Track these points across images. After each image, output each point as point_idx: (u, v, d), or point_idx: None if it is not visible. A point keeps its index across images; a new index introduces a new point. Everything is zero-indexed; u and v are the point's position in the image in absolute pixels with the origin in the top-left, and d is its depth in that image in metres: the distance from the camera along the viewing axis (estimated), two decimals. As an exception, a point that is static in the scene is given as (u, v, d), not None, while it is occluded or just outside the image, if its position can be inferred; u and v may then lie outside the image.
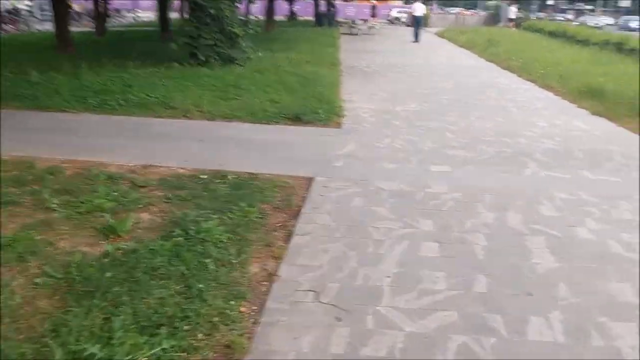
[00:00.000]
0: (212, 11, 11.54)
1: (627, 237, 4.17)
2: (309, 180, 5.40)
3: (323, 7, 35.54)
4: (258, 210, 4.52)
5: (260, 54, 13.51)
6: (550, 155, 6.40)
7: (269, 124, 7.76)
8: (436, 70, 14.33)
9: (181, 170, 5.58)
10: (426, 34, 29.78)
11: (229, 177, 5.36)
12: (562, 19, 42.49)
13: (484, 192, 5.13)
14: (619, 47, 16.83)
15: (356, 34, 27.17)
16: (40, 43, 17.23)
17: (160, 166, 5.67)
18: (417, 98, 10.08)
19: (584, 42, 19.43)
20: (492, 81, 12.46)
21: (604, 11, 54.04)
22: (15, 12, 23.81)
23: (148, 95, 8.80)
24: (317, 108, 8.40)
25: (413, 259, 3.76)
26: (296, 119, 7.94)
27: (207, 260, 3.53)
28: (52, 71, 10.60)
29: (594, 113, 8.82)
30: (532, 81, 12.27)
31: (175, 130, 7.23)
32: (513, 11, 34.41)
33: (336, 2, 46.90)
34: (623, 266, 3.72)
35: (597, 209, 4.73)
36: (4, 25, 22.32)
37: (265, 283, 3.43)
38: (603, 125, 8.10)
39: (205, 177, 5.36)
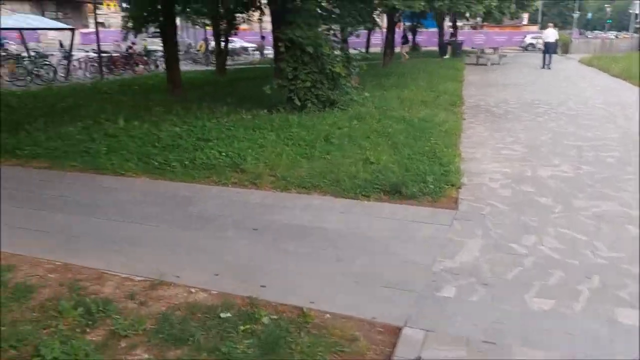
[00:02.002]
0: (309, 49, 9.71)
1: None
2: (394, 334, 3.10)
3: (448, 35, 32.82)
4: None
5: (367, 93, 11.43)
6: None
7: (356, 198, 5.57)
8: (588, 110, 11.11)
9: (201, 295, 3.58)
10: (568, 62, 25.83)
11: (263, 317, 3.24)
12: None
13: None
14: None
15: (485, 64, 24.11)
16: (159, 84, 16.83)
17: (176, 284, 3.73)
18: (569, 155, 7.24)
19: None
20: (672, 126, 9.07)
21: None
22: (146, 53, 24.43)
23: (220, 154, 7.08)
24: (426, 173, 6.07)
25: None
26: (394, 192, 5.65)
27: None
28: (137, 119, 9.50)
29: None
30: None
31: (230, 209, 5.32)
32: None
33: (464, 30, 43.97)
34: None
35: None
36: (135, 67, 22.91)
37: None
38: None
39: (228, 315, 3.30)
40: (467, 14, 25.60)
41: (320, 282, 3.75)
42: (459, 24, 37.35)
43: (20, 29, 19.08)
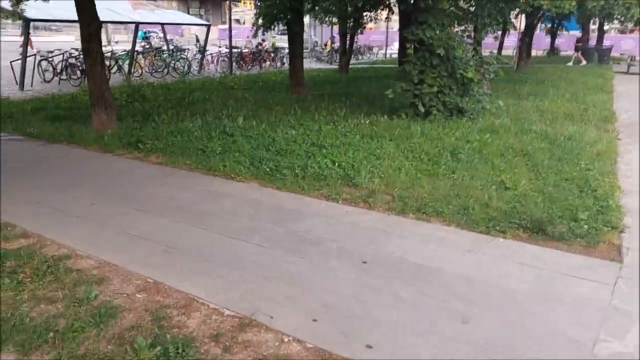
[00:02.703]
0: (439, 51, 8.76)
1: None
2: None
3: (593, 40, 29.43)
4: None
5: (500, 102, 10.15)
6: None
7: (487, 233, 4.62)
8: None
9: (294, 348, 2.96)
10: None
11: (366, 397, 2.52)
12: None
13: None
14: None
15: (637, 74, 21.02)
16: (282, 81, 16.82)
17: (268, 327, 3.14)
18: None
19: None
20: None
21: None
22: (274, 50, 24.82)
23: (332, 164, 6.48)
24: (577, 208, 4.94)
25: None
26: (537, 230, 4.61)
27: None
28: (256, 118, 9.27)
29: None
30: None
31: (338, 231, 4.66)
32: None
33: (609, 34, 39.40)
34: None
35: None
36: (263, 63, 23.38)
37: None
38: None
39: (323, 386, 2.63)
40: (622, 18, 22.50)
41: (440, 351, 2.94)
42: (605, 27, 33.29)
43: (162, 24, 20.20)
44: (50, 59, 15.38)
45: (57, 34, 38.49)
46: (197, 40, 24.01)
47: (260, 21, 14.74)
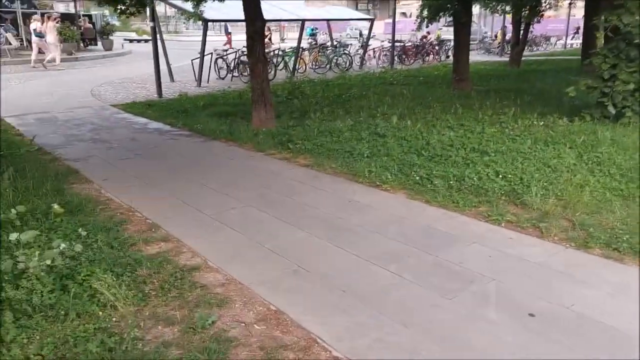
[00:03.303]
0: (638, 40, 7.02)
1: None
2: None
3: None
4: None
5: None
6: None
7: None
8: None
9: None
10: None
11: None
12: None
13: None
14: None
15: None
16: (445, 75, 15.76)
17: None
18: None
19: None
20: None
21: None
22: (439, 43, 23.51)
23: (496, 175, 5.48)
24: None
25: None
26: None
27: None
28: (412, 117, 8.54)
29: None
30: None
31: (498, 267, 3.73)
32: None
33: None
34: None
35: None
36: (426, 57, 22.33)
37: None
38: None
39: None
40: None
41: None
42: None
43: (326, 20, 20.32)
44: (225, 57, 16.35)
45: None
46: (360, 35, 23.84)
47: (424, 13, 13.85)
